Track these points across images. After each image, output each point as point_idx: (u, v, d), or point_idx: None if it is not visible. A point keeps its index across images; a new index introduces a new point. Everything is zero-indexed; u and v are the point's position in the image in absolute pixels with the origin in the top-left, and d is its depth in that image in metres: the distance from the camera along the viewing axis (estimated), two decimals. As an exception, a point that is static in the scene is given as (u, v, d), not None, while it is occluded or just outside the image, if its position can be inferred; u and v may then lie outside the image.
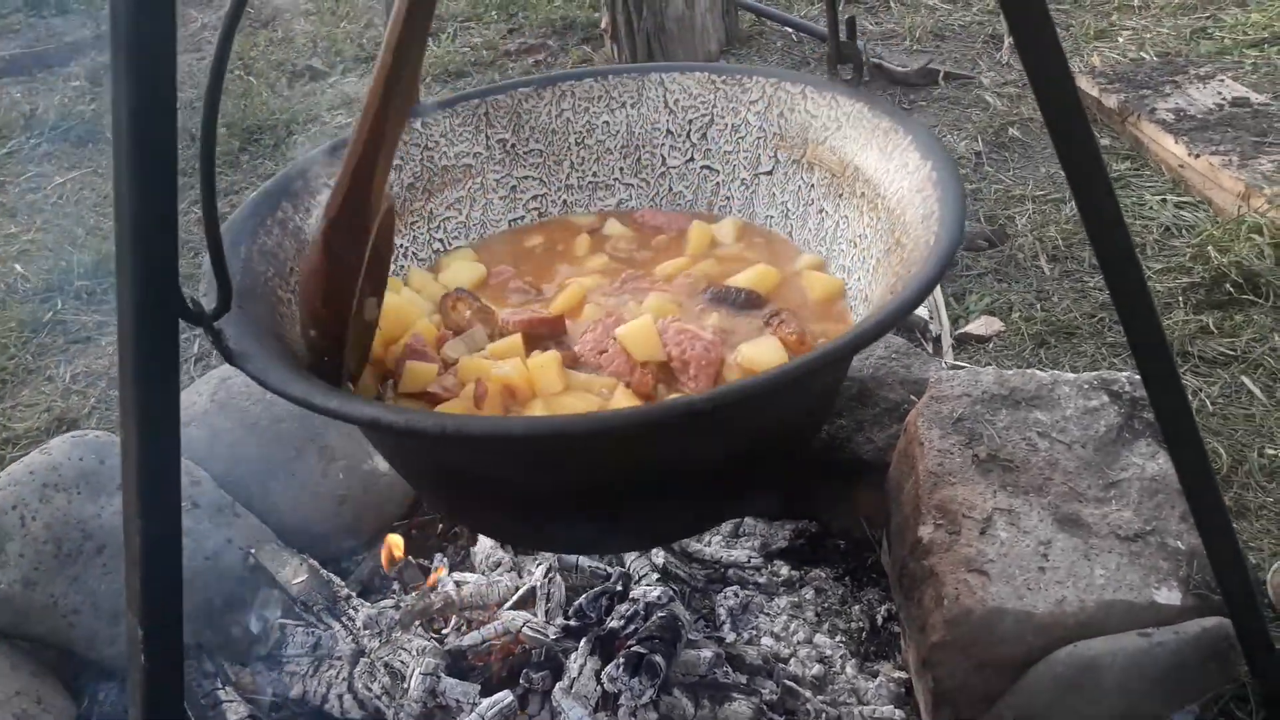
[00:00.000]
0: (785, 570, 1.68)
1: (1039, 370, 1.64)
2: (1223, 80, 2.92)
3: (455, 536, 1.85)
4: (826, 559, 1.72)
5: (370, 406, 0.95)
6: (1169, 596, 1.31)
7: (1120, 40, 3.41)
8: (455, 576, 1.68)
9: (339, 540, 1.79)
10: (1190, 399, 1.89)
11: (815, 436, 1.70)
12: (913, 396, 1.71)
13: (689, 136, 1.42)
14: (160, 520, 0.86)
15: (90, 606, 1.52)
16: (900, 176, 1.15)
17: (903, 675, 1.50)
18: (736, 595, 1.62)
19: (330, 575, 1.65)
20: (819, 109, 1.31)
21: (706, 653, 1.46)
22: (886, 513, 1.63)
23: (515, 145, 1.42)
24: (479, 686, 1.47)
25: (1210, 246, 2.28)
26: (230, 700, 1.48)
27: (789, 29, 3.80)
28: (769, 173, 1.37)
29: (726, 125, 1.40)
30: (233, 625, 1.58)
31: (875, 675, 1.51)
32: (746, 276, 1.26)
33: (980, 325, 2.24)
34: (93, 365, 2.51)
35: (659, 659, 1.41)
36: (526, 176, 1.43)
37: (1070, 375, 1.62)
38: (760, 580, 1.66)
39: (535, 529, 1.18)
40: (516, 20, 4.26)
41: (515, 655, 1.52)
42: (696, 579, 1.66)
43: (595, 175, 1.45)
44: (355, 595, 1.65)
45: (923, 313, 2.27)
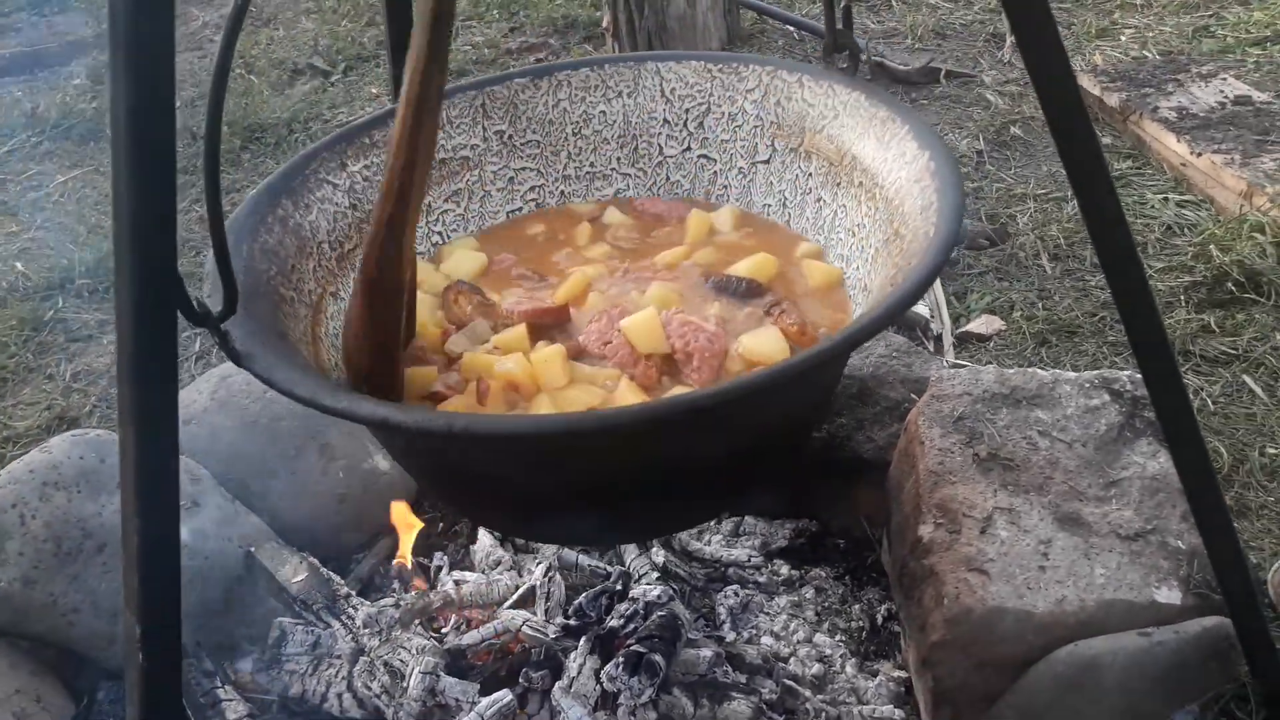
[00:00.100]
0: (785, 569, 1.68)
1: (1040, 369, 1.64)
2: (1225, 79, 2.91)
3: (455, 535, 1.85)
4: (826, 558, 1.72)
5: (379, 406, 0.95)
6: (1169, 596, 1.31)
7: (1122, 39, 3.41)
8: (455, 575, 1.68)
9: (339, 539, 1.80)
10: (1191, 398, 1.89)
11: (817, 430, 1.70)
12: (913, 395, 1.71)
13: (686, 125, 1.41)
14: (158, 519, 0.86)
15: (90, 605, 1.52)
16: (898, 166, 1.15)
17: (903, 674, 1.50)
18: (736, 594, 1.62)
19: (330, 574, 1.65)
20: (816, 97, 1.30)
21: (706, 652, 1.46)
22: (887, 512, 1.63)
23: (512, 136, 1.42)
24: (478, 685, 1.47)
25: (1212, 245, 2.28)
26: (229, 699, 1.48)
27: (790, 27, 3.79)
28: (766, 161, 1.37)
29: (723, 114, 1.39)
30: (232, 624, 1.58)
31: (875, 674, 1.50)
32: (746, 265, 1.26)
33: (981, 324, 2.24)
34: (93, 364, 2.51)
35: (658, 658, 1.41)
36: (524, 168, 1.43)
37: (1071, 374, 1.62)
38: (760, 579, 1.66)
39: (538, 524, 1.18)
40: (518, 19, 4.26)
41: (515, 654, 1.53)
42: (696, 578, 1.66)
43: (593, 165, 1.45)
44: (355, 594, 1.65)
45: (924, 311, 2.26)
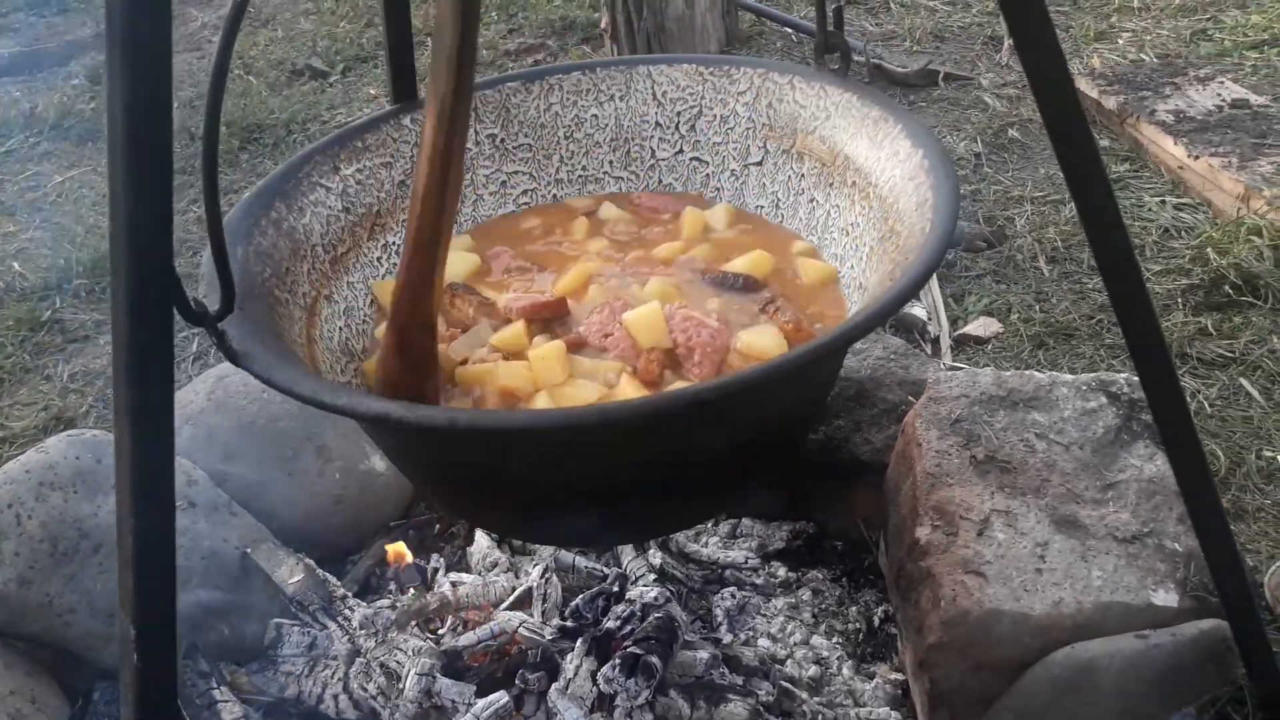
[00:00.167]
0: (782, 571, 1.68)
1: (1037, 371, 1.64)
2: (1222, 82, 2.92)
3: (452, 536, 1.85)
4: (824, 560, 1.72)
5: (379, 403, 0.95)
6: (1166, 598, 1.31)
7: (1120, 42, 3.41)
8: (452, 577, 1.68)
9: (335, 540, 1.79)
10: (1188, 401, 1.89)
11: (815, 428, 1.70)
12: (911, 397, 1.71)
13: (678, 128, 1.42)
14: (154, 519, 0.86)
15: (86, 606, 1.52)
16: (891, 165, 1.15)
17: (899, 677, 1.50)
18: (733, 596, 1.62)
19: (326, 575, 1.64)
20: (807, 99, 1.31)
21: (703, 654, 1.46)
22: (884, 514, 1.63)
23: (504, 140, 1.42)
24: (475, 687, 1.47)
25: (1209, 248, 2.28)
26: (225, 700, 1.48)
27: (789, 29, 3.80)
28: (759, 163, 1.37)
29: (715, 116, 1.39)
30: (228, 625, 1.58)
31: (872, 677, 1.50)
32: (743, 262, 1.26)
33: (979, 326, 2.24)
34: (91, 364, 2.50)
35: (655, 660, 1.41)
36: (516, 171, 1.43)
37: (1068, 376, 1.62)
38: (757, 581, 1.66)
39: (537, 524, 1.18)
40: (516, 20, 4.26)
41: (511, 656, 1.52)
42: (693, 580, 1.66)
43: (585, 169, 1.45)
44: (351, 595, 1.65)
45: (921, 313, 2.26)
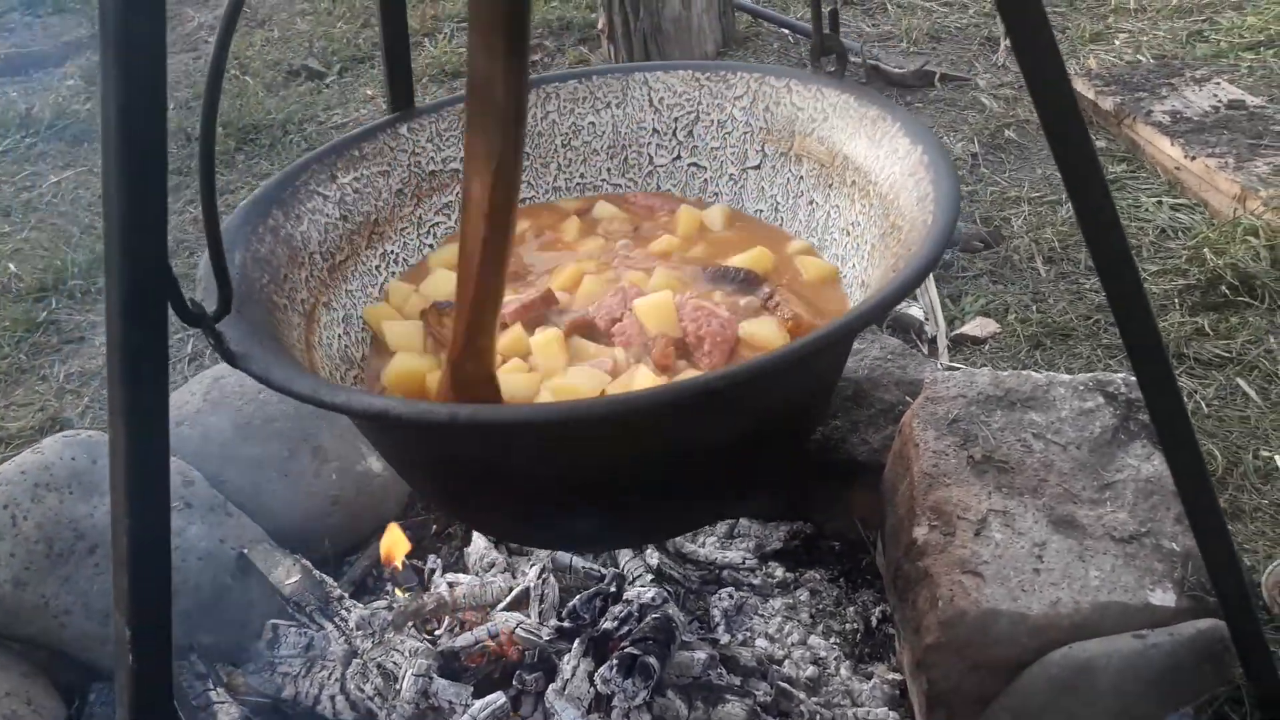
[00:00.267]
0: (780, 572, 1.68)
1: (1034, 372, 1.64)
2: (1219, 83, 2.92)
3: (449, 537, 1.85)
4: (821, 560, 1.72)
5: (379, 399, 0.94)
6: (1164, 598, 1.31)
7: (1116, 43, 3.42)
8: (449, 577, 1.68)
9: (332, 540, 1.79)
10: (1185, 401, 1.89)
11: (821, 422, 1.68)
12: (908, 398, 1.71)
13: (675, 134, 1.42)
14: (149, 520, 0.85)
15: (82, 607, 1.51)
16: (891, 162, 1.15)
17: (897, 677, 1.50)
18: (731, 597, 1.61)
19: (323, 576, 1.64)
20: (805, 101, 1.31)
21: (700, 654, 1.46)
22: (881, 514, 1.63)
23: None
24: (472, 688, 1.46)
25: (1206, 249, 2.28)
26: (222, 701, 1.48)
27: (785, 30, 3.80)
28: (757, 167, 1.37)
29: (712, 121, 1.39)
30: (224, 626, 1.58)
31: (869, 677, 1.50)
32: (743, 258, 1.26)
33: (976, 326, 2.24)
34: (87, 365, 2.50)
35: (653, 660, 1.40)
36: None
37: (1066, 377, 1.62)
38: (755, 582, 1.66)
39: (538, 526, 1.17)
40: (513, 21, 4.25)
41: (508, 657, 1.52)
42: (691, 580, 1.66)
43: (583, 176, 1.45)
44: (348, 596, 1.64)
45: (918, 314, 2.26)
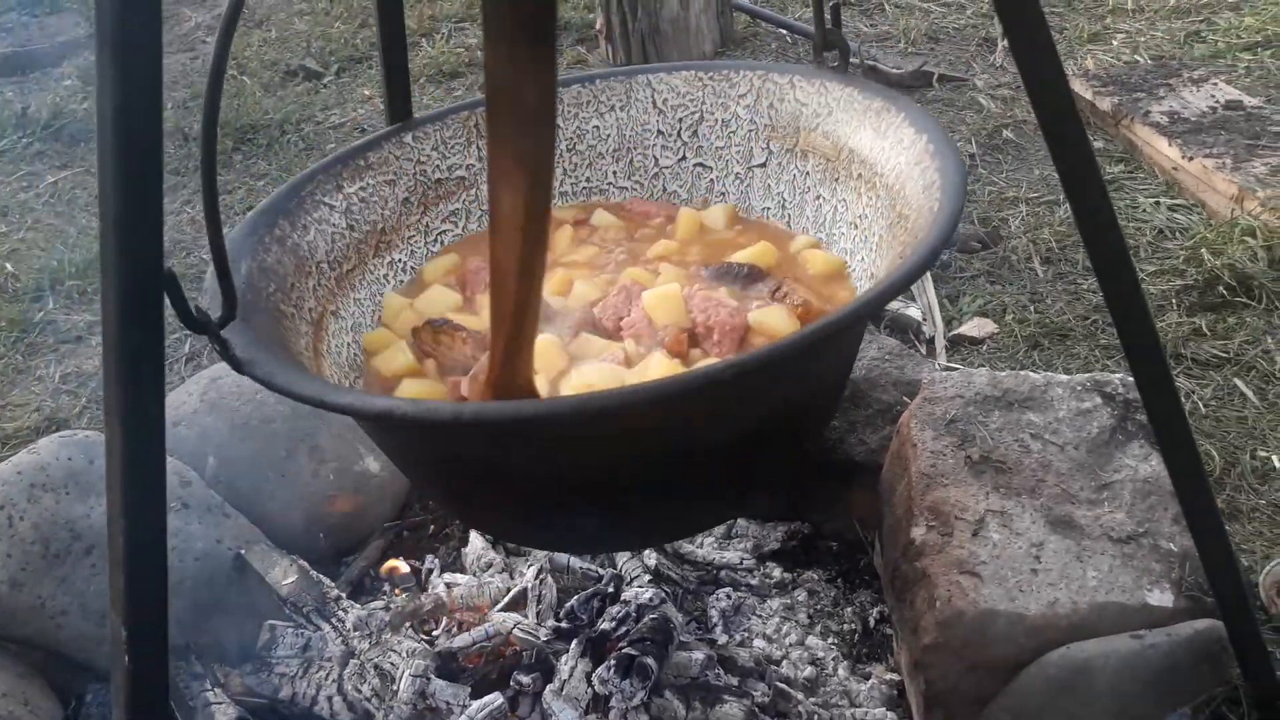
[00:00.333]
0: (778, 572, 1.68)
1: (1032, 372, 1.64)
2: (1216, 83, 2.92)
3: (447, 537, 1.85)
4: (819, 561, 1.72)
5: (383, 400, 0.95)
6: (1161, 598, 1.31)
7: (1114, 43, 3.42)
8: (446, 578, 1.67)
9: (329, 541, 1.79)
10: (1183, 401, 1.89)
11: (828, 421, 1.66)
12: (906, 398, 1.71)
13: (680, 135, 1.42)
14: (145, 520, 0.85)
15: (78, 608, 1.51)
16: (896, 153, 1.15)
17: (895, 677, 1.50)
18: (729, 597, 1.61)
19: (320, 576, 1.64)
20: (808, 97, 1.31)
21: (698, 655, 1.45)
22: (879, 514, 1.63)
23: None
24: (469, 688, 1.46)
25: (1203, 249, 2.28)
26: (218, 702, 1.47)
27: (783, 30, 3.80)
28: (763, 165, 1.37)
29: (717, 121, 1.40)
30: (222, 626, 1.57)
31: (867, 677, 1.50)
32: (746, 254, 1.26)
33: (973, 327, 2.24)
34: (83, 365, 2.50)
35: (650, 661, 1.40)
36: None
37: (1063, 377, 1.62)
38: (752, 582, 1.66)
39: (546, 527, 1.15)
40: (511, 21, 4.25)
41: (506, 657, 1.52)
42: (688, 581, 1.66)
43: (589, 180, 1.45)
44: (345, 596, 1.64)
45: (916, 314, 2.26)
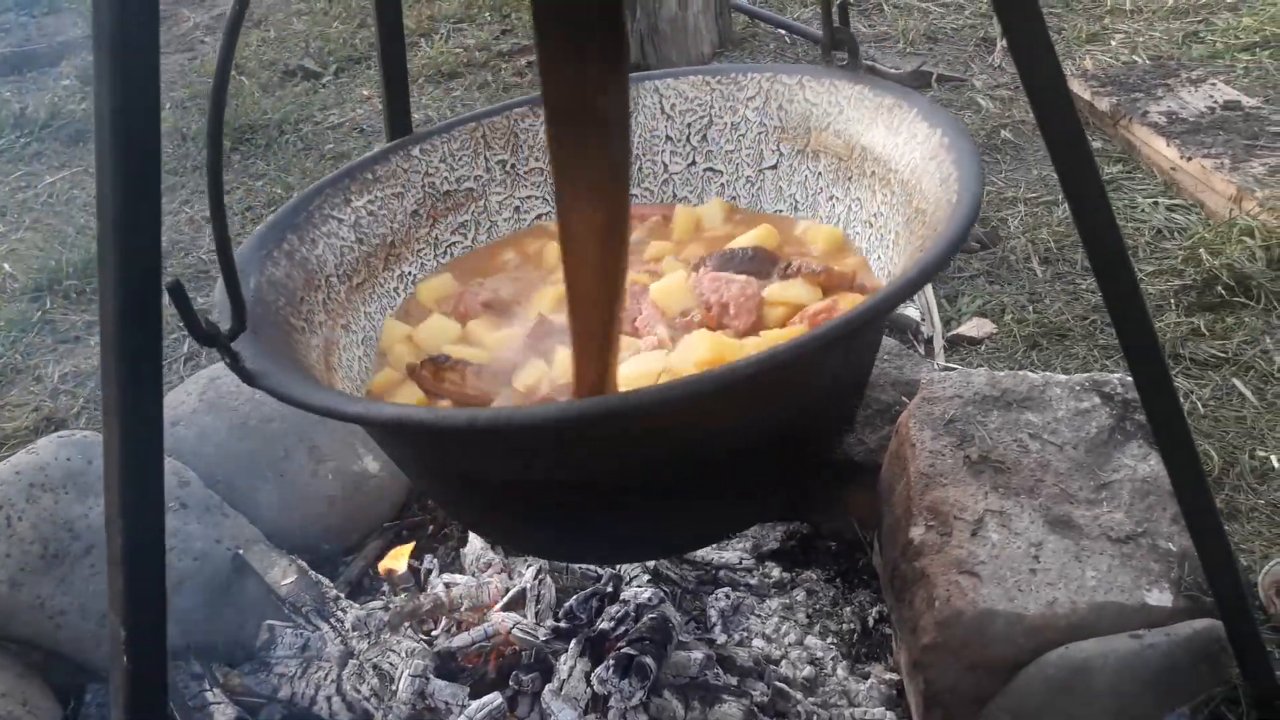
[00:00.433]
0: (776, 572, 1.68)
1: (1031, 372, 1.64)
2: (1214, 84, 2.92)
3: (446, 538, 1.85)
4: (818, 561, 1.72)
5: (395, 408, 0.95)
6: (1160, 598, 1.31)
7: (1112, 44, 3.42)
8: (445, 578, 1.67)
9: (328, 541, 1.79)
10: (1182, 401, 1.89)
11: (856, 412, 1.63)
12: (904, 398, 1.71)
13: (689, 140, 1.41)
14: (143, 520, 0.85)
15: (78, 608, 1.51)
16: (910, 148, 1.15)
17: (894, 677, 1.50)
18: (728, 597, 1.61)
19: (319, 576, 1.64)
20: (818, 96, 1.30)
21: (697, 654, 1.45)
22: (878, 514, 1.63)
23: (515, 165, 1.41)
24: (468, 688, 1.46)
25: (1202, 249, 2.28)
26: (217, 702, 1.47)
27: (782, 31, 3.80)
28: (774, 167, 1.36)
29: (726, 124, 1.39)
30: (220, 626, 1.57)
31: (866, 677, 1.50)
32: (748, 237, 1.26)
33: (972, 327, 2.24)
34: (82, 365, 2.49)
35: (649, 660, 1.40)
36: (529, 196, 1.42)
37: (1062, 377, 1.62)
38: (751, 582, 1.66)
39: (557, 535, 1.13)
40: (510, 21, 4.26)
41: (505, 657, 1.52)
42: (687, 580, 1.66)
43: None
44: (344, 596, 1.64)
45: (915, 314, 2.26)
